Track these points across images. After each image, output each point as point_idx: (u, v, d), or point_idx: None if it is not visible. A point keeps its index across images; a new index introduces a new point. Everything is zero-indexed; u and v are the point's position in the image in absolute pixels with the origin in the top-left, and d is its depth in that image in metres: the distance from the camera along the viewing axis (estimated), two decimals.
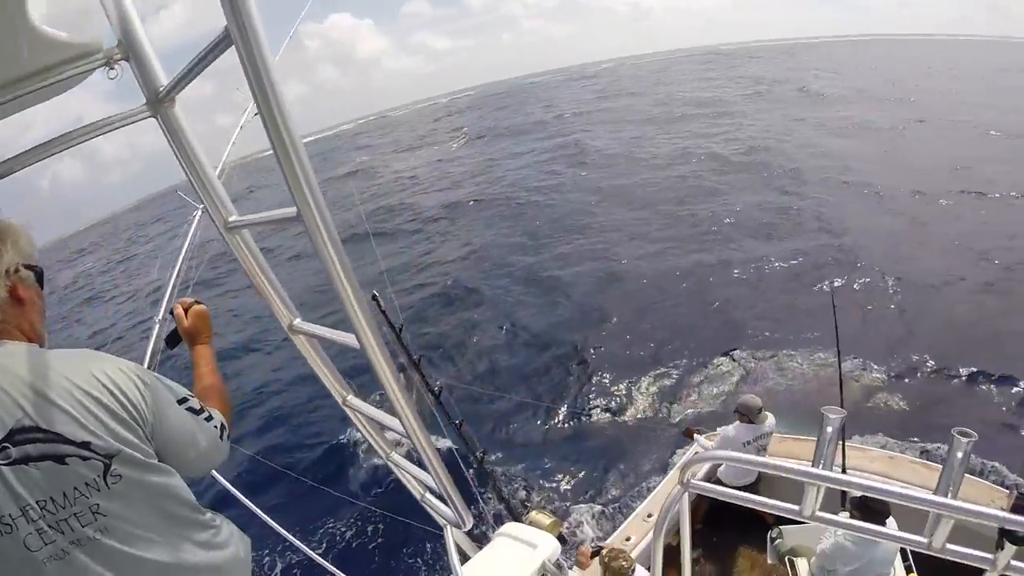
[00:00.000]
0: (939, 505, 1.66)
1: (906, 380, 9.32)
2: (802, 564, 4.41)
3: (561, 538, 2.88)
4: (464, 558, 2.68)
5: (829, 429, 1.92)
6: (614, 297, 14.05)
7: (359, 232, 24.66)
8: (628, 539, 4.66)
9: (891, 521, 3.87)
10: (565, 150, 34.05)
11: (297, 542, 3.39)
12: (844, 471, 4.81)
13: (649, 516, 4.97)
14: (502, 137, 46.67)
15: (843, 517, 4.10)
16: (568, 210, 22.22)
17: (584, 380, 10.99)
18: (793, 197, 18.88)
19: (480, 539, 2.91)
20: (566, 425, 9.90)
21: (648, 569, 3.74)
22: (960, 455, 1.76)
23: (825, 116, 32.15)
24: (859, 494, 4.34)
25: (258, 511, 3.30)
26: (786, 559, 4.52)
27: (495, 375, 11.74)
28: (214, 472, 3.43)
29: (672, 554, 2.65)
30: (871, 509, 3.67)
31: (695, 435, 5.56)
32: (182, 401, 1.30)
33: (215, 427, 1.37)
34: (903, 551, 4.03)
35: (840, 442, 4.87)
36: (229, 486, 3.42)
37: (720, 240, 16.50)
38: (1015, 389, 8.69)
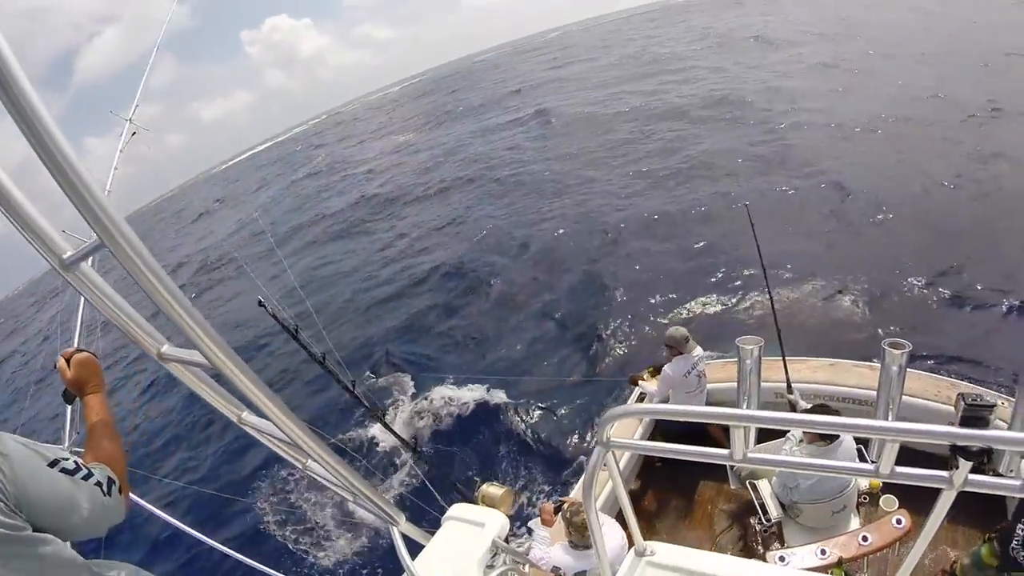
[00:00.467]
0: (880, 430, 1.54)
1: (885, 299, 9.42)
2: (763, 485, 4.50)
3: (514, 508, 2.88)
4: (420, 549, 2.68)
5: (747, 362, 1.85)
6: (597, 259, 14.11)
7: (325, 234, 24.76)
8: None
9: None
10: (526, 123, 33.86)
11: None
12: (789, 387, 4.89)
13: (605, 467, 5.02)
14: (461, 119, 46.21)
15: (796, 434, 4.20)
16: (540, 179, 22.21)
17: (560, 343, 11.14)
18: (761, 144, 18.84)
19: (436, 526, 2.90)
20: (539, 394, 9.95)
21: (614, 518, 3.77)
22: (896, 368, 1.69)
23: (780, 59, 31.96)
24: (808, 407, 4.44)
25: (230, 551, 3.21)
26: (747, 483, 4.62)
27: (482, 356, 11.77)
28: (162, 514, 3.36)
29: (634, 498, 2.64)
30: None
31: (639, 381, 5.61)
32: (53, 463, 1.22)
33: (97, 483, 1.29)
34: (861, 454, 4.05)
35: (781, 358, 4.95)
36: (187, 528, 3.35)
37: (691, 189, 16.61)
38: (984, 308, 8.72)
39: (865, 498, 4.35)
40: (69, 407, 2.52)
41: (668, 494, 5.34)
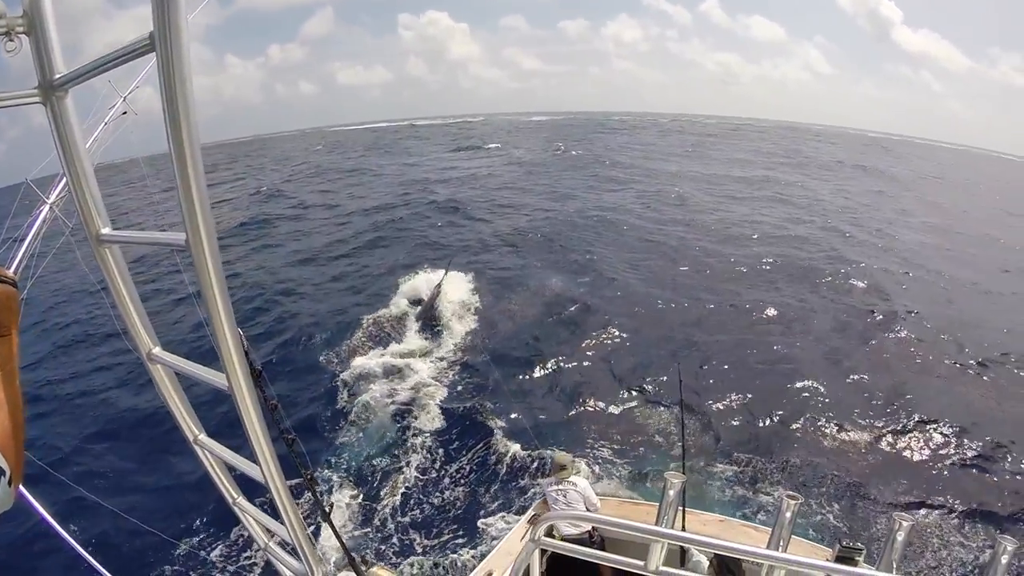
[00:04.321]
0: (770, 558, 1.98)
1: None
2: None
3: None
4: None
5: (671, 492, 2.22)
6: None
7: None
8: None
9: None
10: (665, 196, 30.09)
11: None
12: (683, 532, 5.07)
13: (490, 574, 4.89)
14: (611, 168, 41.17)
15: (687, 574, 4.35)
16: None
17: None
18: None
19: None
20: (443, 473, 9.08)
21: None
22: (788, 514, 2.14)
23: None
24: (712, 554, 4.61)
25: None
26: None
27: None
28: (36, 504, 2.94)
29: None
30: (726, 569, 4.04)
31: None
32: None
33: None
34: None
35: (681, 506, 5.14)
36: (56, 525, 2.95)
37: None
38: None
39: None
40: None
41: None
